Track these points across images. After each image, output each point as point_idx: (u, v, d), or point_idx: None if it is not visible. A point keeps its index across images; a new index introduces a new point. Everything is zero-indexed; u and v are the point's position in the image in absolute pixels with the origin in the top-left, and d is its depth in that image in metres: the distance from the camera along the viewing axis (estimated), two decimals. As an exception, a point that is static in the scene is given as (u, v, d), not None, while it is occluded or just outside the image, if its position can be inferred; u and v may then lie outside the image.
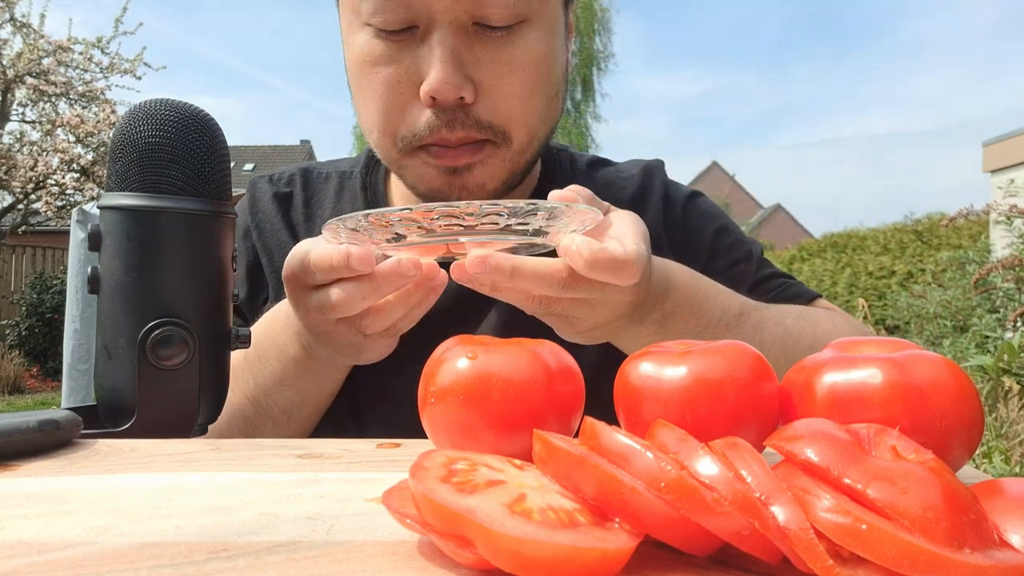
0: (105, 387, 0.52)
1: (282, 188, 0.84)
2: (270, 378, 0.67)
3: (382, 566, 0.27)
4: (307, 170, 0.87)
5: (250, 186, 0.86)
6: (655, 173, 0.87)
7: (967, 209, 3.54)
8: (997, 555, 0.24)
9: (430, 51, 0.65)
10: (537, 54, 0.69)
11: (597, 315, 0.57)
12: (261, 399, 0.68)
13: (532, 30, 0.68)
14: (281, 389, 0.67)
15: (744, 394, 0.36)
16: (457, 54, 0.65)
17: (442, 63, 0.65)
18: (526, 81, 0.68)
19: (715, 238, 0.83)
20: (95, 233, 0.52)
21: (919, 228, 8.80)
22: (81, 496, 0.35)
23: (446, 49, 0.65)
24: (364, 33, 0.68)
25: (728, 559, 0.28)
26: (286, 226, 0.82)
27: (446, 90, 0.65)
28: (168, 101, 0.53)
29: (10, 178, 8.00)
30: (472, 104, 0.67)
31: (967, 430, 0.35)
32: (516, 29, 0.67)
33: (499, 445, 0.38)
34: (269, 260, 0.81)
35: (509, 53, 0.67)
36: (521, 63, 0.68)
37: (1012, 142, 7.06)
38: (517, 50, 0.67)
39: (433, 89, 0.65)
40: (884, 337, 0.41)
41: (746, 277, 0.81)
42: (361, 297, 0.54)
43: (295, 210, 0.83)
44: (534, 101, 0.70)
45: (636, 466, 0.27)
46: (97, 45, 8.57)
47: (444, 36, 0.65)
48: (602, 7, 19.00)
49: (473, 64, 0.67)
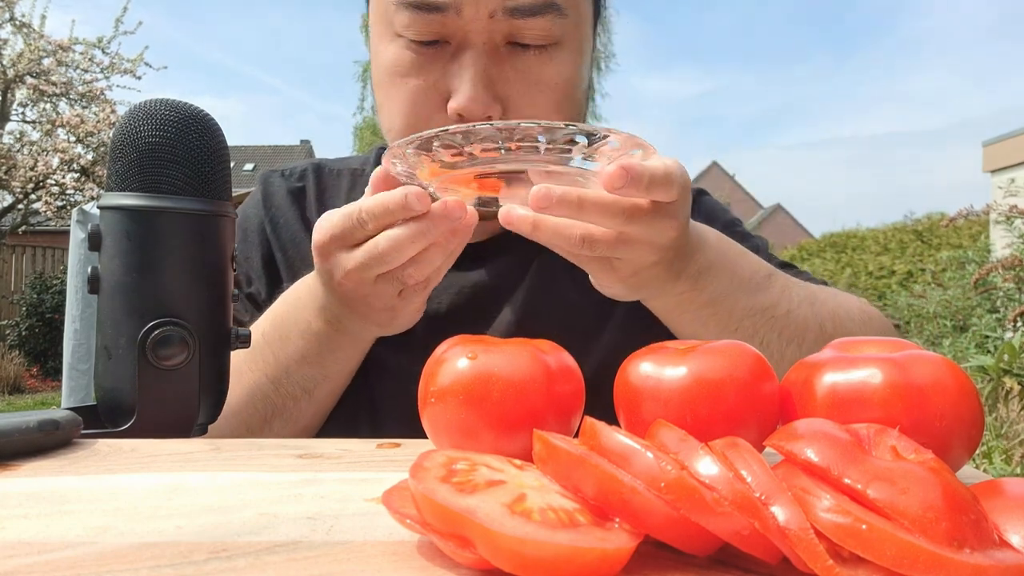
0: (105, 387, 0.52)
1: (295, 183, 0.85)
2: (293, 355, 0.66)
3: (382, 566, 0.27)
4: (319, 166, 0.87)
5: (262, 181, 0.86)
6: None
7: (967, 209, 3.55)
8: (997, 555, 0.24)
9: (461, 68, 0.66)
10: (565, 77, 0.69)
11: (641, 256, 0.56)
12: (282, 378, 0.67)
13: (563, 52, 0.68)
14: (304, 367, 0.67)
15: (744, 394, 0.36)
16: (488, 74, 0.66)
17: (472, 83, 0.65)
18: (552, 102, 0.69)
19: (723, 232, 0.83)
20: (95, 233, 0.52)
21: (919, 228, 8.80)
22: (81, 496, 0.35)
23: (478, 70, 0.65)
24: (395, 44, 0.68)
25: (728, 559, 0.28)
26: (300, 220, 0.82)
27: (474, 108, 0.65)
28: (168, 101, 0.53)
29: (10, 178, 8.00)
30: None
31: (967, 430, 0.35)
32: (548, 50, 0.67)
33: (499, 445, 0.38)
34: (283, 255, 0.81)
35: (539, 74, 0.67)
36: (550, 84, 0.68)
37: (1012, 142, 7.06)
38: (547, 71, 0.68)
39: (461, 107, 0.65)
40: (884, 337, 0.41)
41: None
42: (412, 240, 0.54)
43: (309, 205, 0.83)
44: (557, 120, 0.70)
45: (636, 466, 0.27)
46: (97, 45, 8.57)
47: (477, 56, 0.66)
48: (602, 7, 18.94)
49: (502, 83, 0.67)
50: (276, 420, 0.68)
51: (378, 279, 0.58)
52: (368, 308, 0.61)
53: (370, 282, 0.58)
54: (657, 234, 0.55)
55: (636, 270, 0.58)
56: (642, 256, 0.56)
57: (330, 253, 0.58)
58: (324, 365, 0.67)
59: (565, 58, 0.69)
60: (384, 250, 0.55)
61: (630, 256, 0.56)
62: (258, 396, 0.67)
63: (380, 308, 0.60)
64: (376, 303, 0.60)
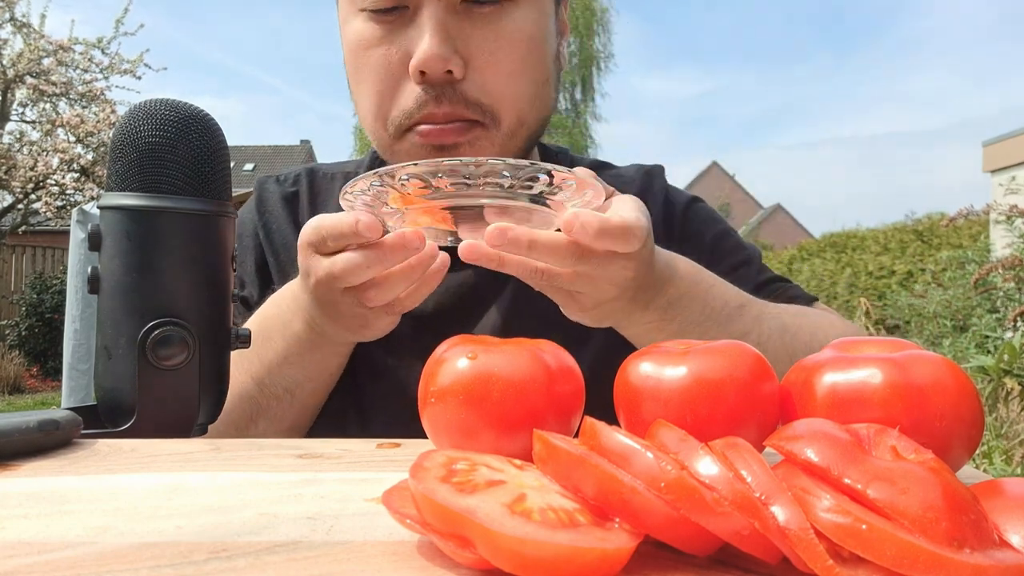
0: (105, 387, 0.52)
1: (288, 188, 0.86)
2: (275, 356, 0.67)
3: (382, 566, 0.27)
4: (313, 171, 0.88)
5: (258, 186, 0.87)
6: (655, 178, 0.87)
7: (967, 209, 3.54)
8: (997, 555, 0.24)
9: (419, 27, 0.68)
10: (526, 32, 0.70)
11: (600, 291, 0.58)
12: (265, 378, 0.68)
13: (519, 9, 0.70)
14: (285, 367, 0.68)
15: (744, 394, 0.36)
16: (445, 28, 0.67)
17: (430, 37, 0.66)
18: (515, 58, 0.70)
19: (715, 242, 0.84)
20: (95, 233, 0.52)
21: (919, 228, 8.80)
22: (81, 496, 0.35)
23: (434, 23, 0.67)
24: (358, 19, 0.71)
25: (728, 559, 0.28)
26: (292, 226, 0.83)
27: (433, 63, 0.67)
28: (168, 101, 0.53)
29: (10, 178, 8.00)
30: (461, 81, 0.68)
31: (967, 430, 0.35)
32: (504, 6, 0.69)
33: (499, 445, 0.38)
34: (275, 260, 0.82)
35: (497, 29, 0.69)
36: (509, 40, 0.69)
37: (1012, 142, 7.06)
38: (505, 27, 0.69)
39: (421, 62, 0.67)
40: (884, 337, 0.41)
41: (747, 281, 0.82)
42: (366, 265, 0.56)
43: (301, 210, 0.84)
44: (523, 81, 0.71)
45: (636, 466, 0.27)
46: (97, 45, 8.57)
47: (433, 11, 0.67)
48: (602, 7, 19.01)
49: (462, 40, 0.68)
50: (261, 420, 0.69)
51: (344, 292, 0.59)
52: (338, 314, 0.62)
53: (338, 292, 0.59)
54: (613, 274, 0.57)
55: (597, 303, 0.59)
56: (601, 291, 0.58)
57: (304, 256, 0.60)
58: (305, 366, 0.68)
59: (522, 14, 0.70)
60: (339, 271, 0.57)
61: (589, 291, 0.58)
62: (244, 396, 0.68)
63: (349, 316, 0.61)
64: (345, 311, 0.61)
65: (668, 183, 0.88)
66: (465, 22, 0.68)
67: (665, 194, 0.86)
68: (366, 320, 0.62)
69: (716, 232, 0.85)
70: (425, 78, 0.68)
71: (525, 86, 0.71)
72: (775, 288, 0.83)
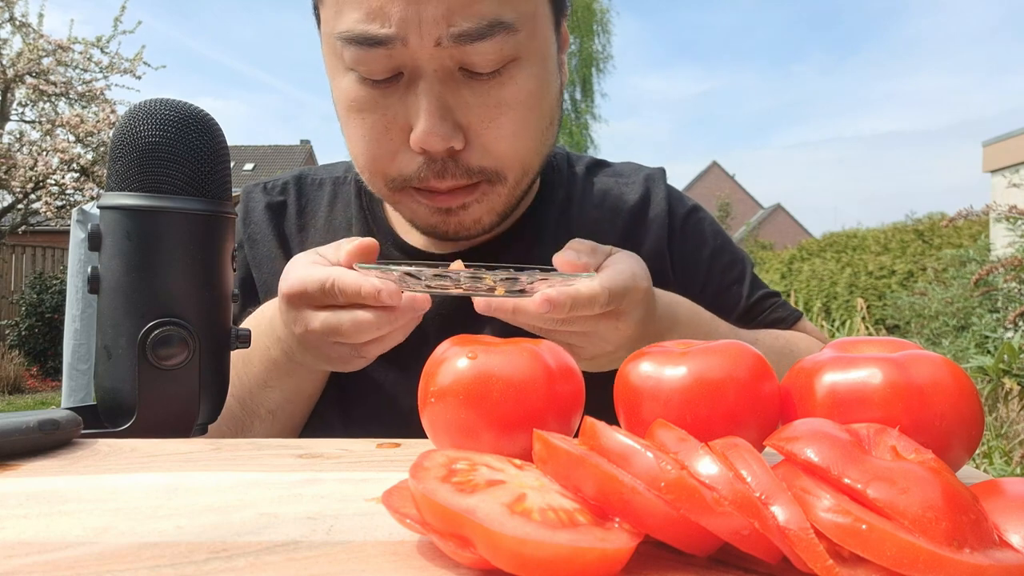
0: (105, 387, 0.52)
1: (275, 197, 0.84)
2: (255, 379, 0.68)
3: (382, 566, 0.27)
4: (301, 177, 0.87)
5: (244, 195, 0.86)
6: (657, 183, 0.86)
7: (967, 209, 3.54)
8: (997, 555, 0.24)
9: (416, 100, 0.63)
10: (527, 92, 0.66)
11: (595, 346, 0.61)
12: (247, 399, 0.69)
13: (521, 69, 0.65)
14: (265, 390, 0.68)
15: (744, 394, 0.36)
16: (444, 103, 0.63)
17: (428, 114, 0.62)
18: (516, 120, 0.66)
19: (711, 259, 0.84)
20: (95, 233, 0.52)
21: (919, 228, 8.80)
22: (81, 496, 0.35)
23: (432, 99, 0.62)
24: (348, 78, 0.65)
25: (728, 559, 0.28)
26: (276, 237, 0.82)
27: (434, 142, 0.63)
28: (168, 101, 0.53)
29: (10, 178, 8.00)
30: (462, 151, 0.65)
31: (967, 430, 0.35)
32: (505, 70, 0.64)
33: (499, 445, 0.38)
34: (259, 272, 0.81)
35: (498, 96, 0.64)
36: (511, 104, 0.65)
37: (1012, 142, 7.06)
38: (507, 92, 0.65)
39: (421, 141, 0.63)
40: (884, 337, 0.41)
41: (739, 299, 0.84)
42: (377, 327, 0.58)
43: (288, 221, 0.83)
44: (527, 138, 0.67)
45: (636, 466, 0.27)
46: (97, 44, 8.56)
47: (430, 85, 0.62)
48: (602, 7, 19.01)
49: (462, 110, 0.64)
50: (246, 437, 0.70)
51: (335, 344, 0.60)
52: (320, 354, 0.63)
53: (329, 343, 0.60)
54: (606, 332, 0.60)
55: (594, 356, 0.62)
56: (595, 346, 0.61)
57: (295, 305, 0.60)
58: (284, 390, 0.69)
59: (525, 74, 0.65)
60: (346, 329, 0.58)
61: (583, 344, 0.61)
62: (227, 416, 0.68)
63: (335, 357, 0.62)
64: (332, 355, 0.62)
65: (670, 187, 0.88)
66: (464, 90, 0.64)
67: (667, 201, 0.85)
68: (349, 360, 0.63)
69: (712, 249, 0.85)
70: (426, 153, 0.65)
71: (529, 141, 0.68)
72: (765, 307, 0.85)
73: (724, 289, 0.83)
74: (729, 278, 0.85)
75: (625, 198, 0.84)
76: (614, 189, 0.85)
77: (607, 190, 0.84)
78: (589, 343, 0.61)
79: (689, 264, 0.83)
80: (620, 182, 0.86)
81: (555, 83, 0.71)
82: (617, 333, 0.60)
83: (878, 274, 8.44)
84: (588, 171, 0.87)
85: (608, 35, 19.21)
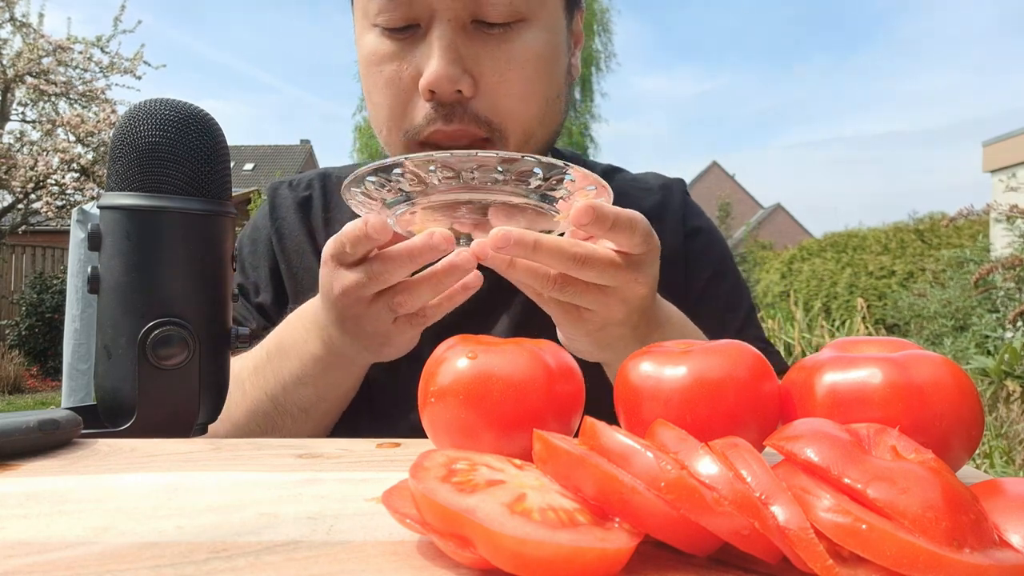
0: (105, 387, 0.52)
1: (302, 193, 0.87)
2: (290, 375, 0.67)
3: (382, 566, 0.27)
4: (326, 175, 0.89)
5: (270, 192, 0.88)
6: (674, 192, 0.87)
7: (967, 209, 3.54)
8: (997, 555, 0.24)
9: (429, 47, 0.68)
10: (535, 52, 0.70)
11: (610, 309, 0.56)
12: (280, 396, 0.68)
13: (530, 30, 0.70)
14: (300, 387, 0.68)
15: (744, 394, 0.36)
16: (455, 49, 0.68)
17: (439, 57, 0.67)
18: (524, 79, 0.70)
19: (710, 281, 0.84)
20: (95, 233, 0.52)
21: (919, 228, 8.80)
22: (81, 496, 0.35)
23: (444, 43, 0.67)
24: (372, 33, 0.71)
25: (728, 559, 0.28)
26: (305, 230, 0.84)
27: (442, 83, 0.67)
28: (168, 101, 0.53)
29: (10, 178, 7.99)
30: (471, 99, 0.69)
31: (967, 430, 0.35)
32: (514, 27, 0.69)
33: (499, 445, 0.38)
34: (287, 265, 0.83)
35: (507, 51, 0.69)
36: (519, 61, 0.70)
37: (1012, 142, 7.06)
38: (515, 48, 0.70)
39: (430, 82, 0.67)
40: (884, 337, 0.41)
41: (728, 329, 0.82)
42: (397, 266, 0.55)
43: (315, 215, 0.85)
44: (533, 101, 0.71)
45: (636, 466, 0.27)
46: (97, 44, 8.56)
47: (443, 32, 0.68)
48: (602, 7, 19.04)
49: (472, 60, 0.69)
50: (275, 436, 0.69)
51: (372, 301, 0.58)
52: (360, 330, 0.61)
53: (365, 302, 0.59)
54: (625, 287, 0.55)
55: (604, 324, 0.58)
56: (611, 309, 0.57)
57: (329, 270, 0.60)
58: (319, 387, 0.68)
59: (533, 35, 0.70)
60: (373, 272, 0.56)
61: (598, 307, 0.56)
62: (259, 412, 0.68)
63: (372, 332, 0.61)
64: (368, 326, 0.60)
65: (689, 199, 0.88)
66: (476, 41, 0.69)
67: (683, 212, 0.85)
68: (388, 336, 0.61)
69: (713, 272, 0.84)
70: (435, 96, 0.68)
71: (535, 105, 0.72)
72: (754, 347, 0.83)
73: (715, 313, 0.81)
74: (724, 304, 0.83)
75: (641, 203, 0.84)
76: (631, 193, 0.85)
77: (623, 193, 0.84)
78: (604, 304, 0.56)
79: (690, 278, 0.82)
80: (637, 186, 0.86)
81: (563, 59, 0.75)
82: (635, 290, 0.56)
83: (878, 274, 8.44)
84: (604, 175, 0.87)
85: (608, 34, 19.23)
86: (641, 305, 0.58)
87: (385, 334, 0.61)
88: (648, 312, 0.60)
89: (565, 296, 0.56)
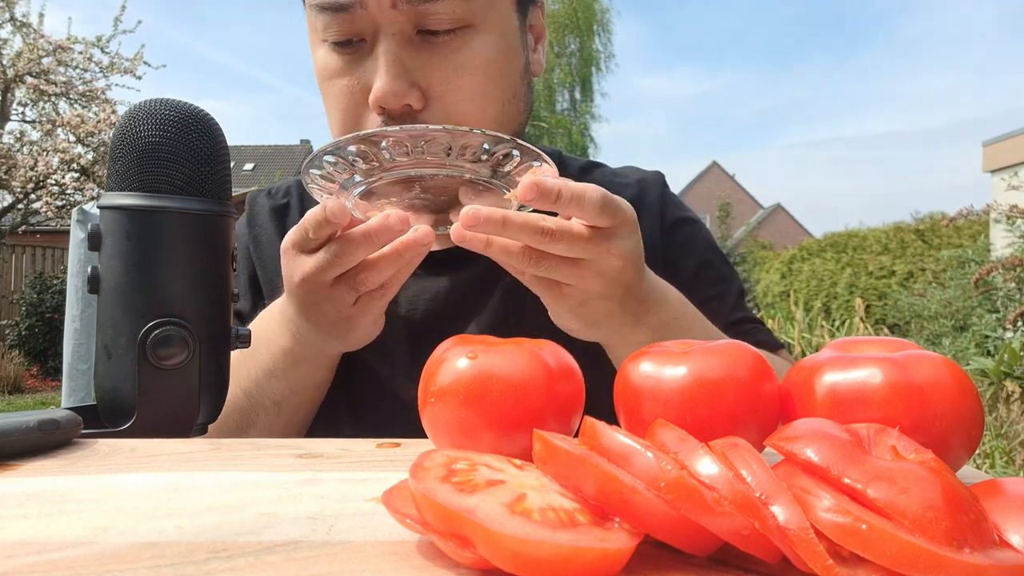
0: (105, 387, 0.52)
1: (279, 201, 0.87)
2: (262, 370, 0.69)
3: (382, 566, 0.27)
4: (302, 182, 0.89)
5: (249, 201, 0.89)
6: (651, 185, 0.86)
7: (967, 209, 3.54)
8: (997, 555, 0.24)
9: (376, 61, 0.68)
10: (484, 58, 0.69)
11: (587, 282, 0.57)
12: (253, 390, 0.69)
13: (478, 35, 0.69)
14: (272, 380, 0.69)
15: (744, 394, 0.36)
16: (401, 62, 0.67)
17: (385, 72, 0.67)
18: (475, 84, 0.69)
19: (697, 271, 0.83)
20: (95, 233, 0.52)
21: (920, 228, 8.80)
22: (81, 496, 0.35)
23: (389, 58, 0.67)
24: (322, 48, 0.71)
25: (728, 559, 0.28)
26: (280, 238, 0.84)
27: (389, 98, 0.67)
28: (168, 101, 0.53)
29: (10, 178, 7.99)
30: (421, 111, 0.68)
31: (967, 430, 0.35)
32: (460, 34, 0.68)
33: (499, 445, 0.38)
34: (264, 271, 0.84)
35: (455, 60, 0.68)
36: (468, 68, 0.69)
37: (1012, 142, 7.06)
38: (463, 56, 0.69)
39: (378, 98, 0.67)
40: (884, 337, 0.41)
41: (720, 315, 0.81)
42: (356, 247, 0.57)
43: (291, 222, 0.85)
44: (487, 105, 0.71)
45: (636, 466, 0.27)
46: (97, 44, 8.56)
47: (388, 46, 0.67)
48: (602, 7, 19.01)
49: (420, 71, 0.68)
50: (251, 430, 0.70)
51: (334, 284, 0.59)
52: (323, 316, 0.62)
53: (326, 286, 0.59)
54: (597, 261, 0.56)
55: (584, 299, 0.59)
56: (587, 282, 0.57)
57: (290, 258, 0.61)
58: (290, 379, 0.69)
59: (480, 41, 0.69)
60: (333, 254, 0.57)
61: (575, 280, 0.57)
62: (235, 409, 0.69)
63: (336, 317, 0.62)
64: (331, 310, 0.61)
65: (667, 191, 0.87)
66: (423, 52, 0.68)
67: (661, 203, 0.84)
68: (352, 320, 0.62)
69: (700, 261, 0.84)
70: (385, 112, 0.68)
71: (491, 108, 0.71)
72: (745, 328, 0.83)
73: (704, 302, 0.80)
74: (713, 292, 0.82)
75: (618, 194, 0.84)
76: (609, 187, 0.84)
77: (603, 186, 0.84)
78: (580, 277, 0.57)
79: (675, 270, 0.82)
80: (615, 181, 0.85)
81: (517, 61, 0.74)
82: (608, 262, 0.56)
83: (878, 274, 8.44)
84: (582, 170, 0.87)
85: (608, 34, 19.22)
86: (620, 278, 0.58)
87: (349, 318, 0.62)
88: (633, 288, 0.60)
89: (541, 271, 0.57)
